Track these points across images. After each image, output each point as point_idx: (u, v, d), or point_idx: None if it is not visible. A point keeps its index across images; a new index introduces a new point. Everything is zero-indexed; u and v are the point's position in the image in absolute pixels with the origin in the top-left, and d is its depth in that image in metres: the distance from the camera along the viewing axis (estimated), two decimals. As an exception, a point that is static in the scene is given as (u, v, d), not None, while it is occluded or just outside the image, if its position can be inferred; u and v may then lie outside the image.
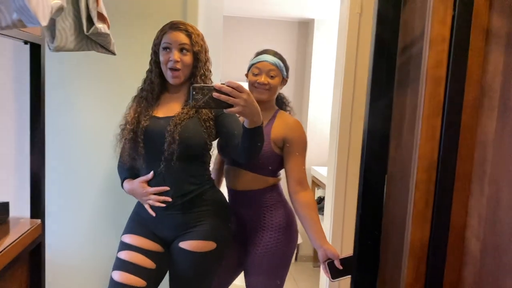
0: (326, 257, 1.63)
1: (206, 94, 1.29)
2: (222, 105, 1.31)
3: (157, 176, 1.58)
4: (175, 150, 1.52)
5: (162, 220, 1.61)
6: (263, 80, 1.77)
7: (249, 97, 1.32)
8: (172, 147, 1.52)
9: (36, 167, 1.47)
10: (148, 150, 1.57)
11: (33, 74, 1.39)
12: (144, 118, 1.58)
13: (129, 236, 1.63)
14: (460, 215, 0.96)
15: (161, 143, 1.54)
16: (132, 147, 1.58)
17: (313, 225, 1.68)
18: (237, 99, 1.30)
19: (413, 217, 0.99)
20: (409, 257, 1.00)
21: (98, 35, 1.05)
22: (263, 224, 1.79)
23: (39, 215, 1.49)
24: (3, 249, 1.22)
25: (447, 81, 0.97)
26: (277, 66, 1.78)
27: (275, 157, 1.77)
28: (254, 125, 1.40)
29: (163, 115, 1.60)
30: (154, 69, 1.63)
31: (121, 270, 1.55)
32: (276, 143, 1.75)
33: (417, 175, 0.99)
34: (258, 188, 1.79)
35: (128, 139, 1.57)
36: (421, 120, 1.00)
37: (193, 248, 1.58)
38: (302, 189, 1.73)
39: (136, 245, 1.60)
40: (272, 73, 1.78)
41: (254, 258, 1.78)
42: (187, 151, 1.56)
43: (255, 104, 1.35)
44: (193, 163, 1.61)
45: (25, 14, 0.67)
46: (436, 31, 0.96)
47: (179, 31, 1.57)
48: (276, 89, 1.81)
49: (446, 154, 0.97)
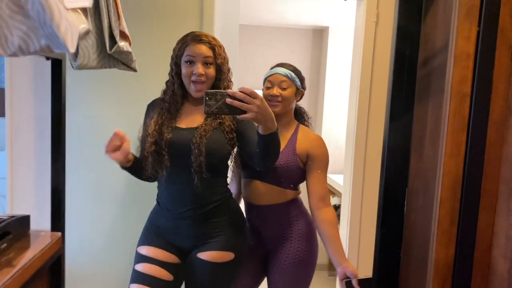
0: (345, 276, 1.61)
1: (219, 100, 1.28)
2: (236, 111, 1.30)
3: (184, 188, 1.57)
4: (203, 162, 1.52)
5: (180, 230, 1.61)
6: (274, 92, 1.76)
7: (263, 103, 1.31)
8: (199, 159, 1.51)
9: (56, 181, 1.48)
10: (173, 162, 1.56)
11: (54, 89, 1.40)
12: (167, 130, 1.57)
13: (145, 248, 1.62)
14: (486, 234, 0.94)
15: (187, 155, 1.53)
16: (156, 160, 1.57)
17: (334, 242, 1.66)
18: (250, 105, 1.29)
19: (437, 235, 0.97)
20: (434, 276, 0.98)
21: (120, 53, 1.06)
22: (285, 235, 1.78)
23: (59, 228, 1.50)
24: (24, 264, 1.23)
25: (472, 97, 0.96)
26: (288, 77, 1.76)
27: (299, 171, 1.76)
28: (269, 132, 1.38)
29: (185, 126, 1.59)
30: (176, 81, 1.61)
31: (139, 283, 1.55)
32: (301, 158, 1.75)
33: (441, 193, 0.97)
34: (280, 202, 1.78)
35: (151, 151, 1.55)
36: (446, 136, 0.98)
37: (212, 259, 1.58)
38: (324, 205, 1.72)
39: (153, 257, 1.59)
40: (284, 85, 1.76)
41: (278, 269, 1.78)
42: (213, 163, 1.56)
43: (268, 110, 1.34)
44: (215, 174, 1.60)
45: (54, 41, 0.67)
46: (461, 47, 0.95)
47: (202, 43, 1.55)
48: (289, 100, 1.79)
49: (472, 171, 0.96)
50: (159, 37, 2.06)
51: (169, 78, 1.64)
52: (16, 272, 1.17)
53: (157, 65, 1.83)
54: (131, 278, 1.59)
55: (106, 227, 2.18)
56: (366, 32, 2.34)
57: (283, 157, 1.74)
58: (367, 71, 2.36)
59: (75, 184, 2.10)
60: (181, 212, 1.59)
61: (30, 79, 2.06)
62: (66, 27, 0.70)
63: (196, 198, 1.57)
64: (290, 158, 1.74)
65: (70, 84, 1.51)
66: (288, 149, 1.76)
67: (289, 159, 1.74)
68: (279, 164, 1.73)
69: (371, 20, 2.33)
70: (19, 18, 0.69)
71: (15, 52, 0.70)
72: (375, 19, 2.33)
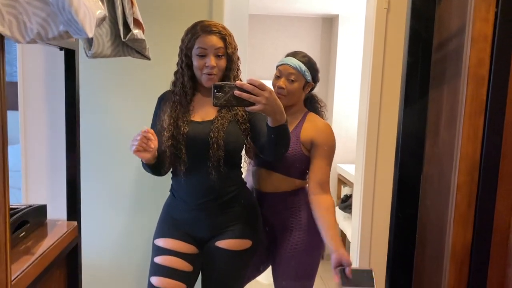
0: (339, 263, 1.57)
1: (227, 92, 1.28)
2: (244, 103, 1.30)
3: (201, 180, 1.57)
4: (221, 156, 1.52)
5: (197, 221, 1.61)
6: (281, 84, 1.74)
7: (271, 95, 1.30)
8: (218, 153, 1.51)
9: (72, 170, 1.50)
10: (191, 156, 1.56)
11: (68, 80, 1.41)
12: (183, 123, 1.56)
13: (162, 240, 1.63)
14: (504, 217, 0.94)
15: (205, 148, 1.53)
16: (173, 153, 1.57)
17: (331, 228, 1.64)
18: (258, 97, 1.28)
19: (454, 219, 0.97)
20: (451, 260, 0.98)
21: (134, 41, 1.06)
22: (290, 224, 1.79)
23: (75, 217, 1.52)
24: (42, 252, 1.25)
25: (489, 80, 0.94)
26: (297, 69, 1.74)
27: (304, 159, 1.75)
28: (277, 123, 1.38)
29: (201, 119, 1.58)
30: (186, 72, 1.59)
31: (160, 276, 1.56)
32: (305, 145, 1.74)
33: (458, 177, 0.97)
34: (286, 190, 1.79)
35: (168, 145, 1.55)
36: (463, 120, 0.97)
37: (231, 247, 1.59)
38: (322, 192, 1.70)
39: (171, 248, 1.60)
40: (292, 77, 1.74)
41: (283, 258, 1.78)
42: (231, 156, 1.56)
43: (277, 102, 1.33)
44: (233, 166, 1.61)
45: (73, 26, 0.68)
46: (478, 29, 0.94)
47: (213, 34, 1.53)
48: (295, 94, 1.77)
49: (489, 154, 0.95)
50: (169, 29, 2.05)
51: (178, 69, 1.62)
52: (35, 259, 1.19)
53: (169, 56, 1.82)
54: (151, 271, 1.60)
55: (121, 218, 2.20)
56: (377, 20, 2.31)
57: None
58: (379, 60, 2.34)
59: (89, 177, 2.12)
60: (198, 204, 1.59)
61: (42, 72, 2.07)
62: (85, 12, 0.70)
63: (213, 190, 1.57)
64: (294, 146, 1.72)
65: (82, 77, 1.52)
66: (293, 136, 1.75)
67: (293, 147, 1.72)
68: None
69: (383, 7, 2.30)
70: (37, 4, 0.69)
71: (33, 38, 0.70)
72: (386, 6, 2.30)
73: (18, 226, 1.29)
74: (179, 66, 1.62)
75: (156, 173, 1.61)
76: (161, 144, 1.54)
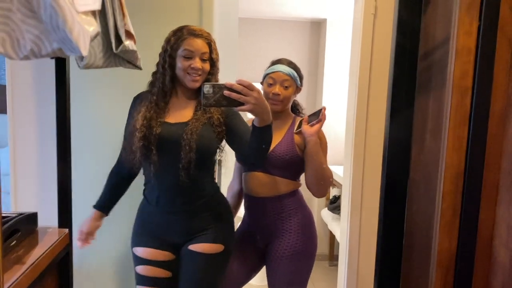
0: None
1: (217, 92, 1.30)
2: (233, 103, 1.32)
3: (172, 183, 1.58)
4: (193, 158, 1.53)
5: (171, 226, 1.64)
6: (277, 90, 1.78)
7: (260, 95, 1.33)
8: (189, 155, 1.52)
9: (63, 177, 1.49)
10: (162, 157, 1.57)
11: (58, 88, 1.41)
12: (156, 124, 1.56)
13: (140, 249, 1.67)
14: (488, 225, 0.97)
15: (176, 150, 1.54)
16: (144, 155, 1.57)
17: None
18: (247, 97, 1.31)
19: (440, 227, 0.99)
20: (437, 266, 1.01)
21: (125, 52, 1.07)
22: (284, 227, 1.81)
23: (66, 225, 1.51)
24: (34, 261, 1.25)
25: (473, 91, 0.97)
26: (291, 76, 1.80)
27: (299, 160, 1.80)
28: (264, 124, 1.41)
29: (174, 121, 1.59)
30: (168, 72, 1.59)
31: (144, 285, 1.65)
32: (300, 147, 1.78)
33: (444, 186, 1.00)
34: (281, 193, 1.81)
35: (139, 146, 1.55)
36: (448, 130, 1.00)
37: (204, 250, 1.62)
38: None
39: (149, 258, 1.65)
40: (286, 84, 1.79)
41: (277, 261, 1.80)
42: (203, 159, 1.57)
43: (265, 102, 1.36)
44: (204, 170, 1.62)
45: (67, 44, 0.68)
46: (462, 42, 0.97)
47: (200, 38, 1.56)
48: (289, 99, 1.83)
49: (473, 164, 0.98)
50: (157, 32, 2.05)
51: (159, 69, 1.62)
52: (27, 269, 1.19)
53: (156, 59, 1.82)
54: (136, 279, 1.68)
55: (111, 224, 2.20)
56: (365, 25, 2.34)
57: (283, 148, 1.77)
58: (366, 63, 2.37)
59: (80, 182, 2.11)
60: (170, 208, 1.61)
61: (31, 75, 2.06)
62: (79, 31, 0.71)
63: (184, 194, 1.59)
64: (289, 147, 1.77)
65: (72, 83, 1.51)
66: (286, 139, 1.79)
67: (289, 148, 1.77)
68: (280, 155, 1.76)
69: (370, 12, 2.33)
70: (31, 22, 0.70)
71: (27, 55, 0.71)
72: (373, 11, 2.33)
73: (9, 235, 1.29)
74: (160, 66, 1.61)
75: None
76: (132, 144, 1.57)
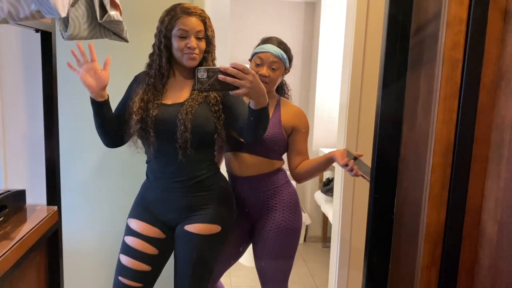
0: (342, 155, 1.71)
1: (211, 76, 1.29)
2: (228, 87, 1.31)
3: (170, 162, 1.59)
4: (188, 138, 1.53)
5: (167, 203, 1.65)
6: (264, 72, 1.76)
7: (255, 78, 1.32)
8: (185, 135, 1.53)
9: (51, 154, 1.48)
10: (159, 138, 1.58)
11: (45, 63, 1.38)
12: (152, 106, 1.57)
13: (134, 221, 1.68)
14: (476, 198, 0.96)
15: (173, 131, 1.54)
16: (142, 136, 1.58)
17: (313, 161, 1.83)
18: (242, 81, 1.30)
19: (429, 200, 0.99)
20: (425, 240, 1.01)
21: (111, 23, 1.05)
22: (270, 205, 1.83)
23: (55, 202, 1.51)
24: (22, 237, 1.24)
25: (464, 63, 0.96)
26: (280, 58, 1.77)
27: (283, 142, 1.84)
28: (260, 106, 1.41)
29: (171, 102, 1.59)
30: (164, 54, 1.59)
31: (127, 256, 1.65)
32: (286, 130, 1.82)
33: (433, 159, 0.99)
34: (266, 171, 1.82)
35: (137, 129, 1.56)
36: (438, 103, 0.99)
37: (199, 231, 1.62)
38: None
39: (140, 232, 1.66)
40: (274, 66, 1.77)
41: (263, 238, 1.82)
42: (199, 138, 1.57)
43: (260, 85, 1.35)
44: (203, 149, 1.62)
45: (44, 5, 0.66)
46: (453, 12, 0.95)
47: (193, 16, 1.54)
48: (275, 81, 1.82)
49: (463, 137, 0.97)
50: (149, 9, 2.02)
51: (155, 50, 1.62)
52: (14, 244, 1.18)
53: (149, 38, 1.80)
54: (121, 248, 1.68)
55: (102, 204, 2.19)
56: (359, 5, 2.32)
57: (270, 129, 1.78)
58: (360, 43, 2.35)
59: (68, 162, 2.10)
60: (168, 185, 1.62)
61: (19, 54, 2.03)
62: (57, -9, 0.69)
63: (182, 172, 1.60)
64: (276, 130, 1.79)
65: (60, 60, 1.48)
66: (273, 121, 1.80)
67: (275, 131, 1.79)
68: (266, 136, 1.76)
69: (364, -9, 2.30)
70: (8, -17, 0.68)
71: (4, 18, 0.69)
72: (367, -10, 2.30)
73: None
74: (156, 47, 1.61)
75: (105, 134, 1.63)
76: (130, 126, 1.58)
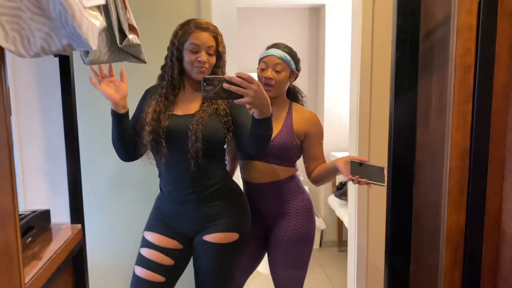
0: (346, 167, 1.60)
1: (216, 85, 1.32)
2: (233, 96, 1.33)
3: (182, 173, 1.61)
4: (200, 148, 1.55)
5: (182, 215, 1.67)
6: (268, 74, 1.78)
7: (259, 87, 1.35)
8: (196, 145, 1.55)
9: (73, 174, 1.51)
10: (171, 149, 1.60)
11: (63, 85, 1.42)
12: (164, 117, 1.60)
13: (150, 234, 1.70)
14: (495, 199, 0.98)
15: (184, 141, 1.57)
16: (154, 147, 1.61)
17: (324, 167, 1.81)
18: (247, 90, 1.32)
19: (448, 204, 1.01)
20: (447, 243, 1.02)
21: (130, 46, 1.08)
22: (283, 212, 1.84)
23: (79, 220, 1.54)
24: (50, 257, 1.27)
25: (476, 68, 0.98)
26: (283, 59, 1.78)
27: (296, 148, 1.83)
28: (263, 116, 1.43)
29: (182, 113, 1.63)
30: (176, 66, 1.63)
31: (143, 267, 1.66)
32: (298, 136, 1.81)
33: (450, 163, 1.01)
34: (280, 179, 1.83)
35: (149, 140, 1.59)
36: (452, 108, 1.01)
37: (218, 240, 1.64)
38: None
39: (156, 243, 1.67)
40: (278, 68, 1.78)
41: (278, 246, 1.82)
42: (209, 148, 1.59)
43: (265, 95, 1.38)
44: (214, 159, 1.65)
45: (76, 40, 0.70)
46: (463, 19, 0.97)
47: (206, 32, 1.58)
48: (282, 84, 1.82)
49: (479, 140, 0.99)
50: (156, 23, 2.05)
51: (167, 62, 1.65)
52: (44, 264, 1.21)
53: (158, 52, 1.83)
54: (137, 260, 1.69)
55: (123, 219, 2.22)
56: (364, 6, 2.33)
57: (282, 136, 1.78)
58: (367, 47, 2.36)
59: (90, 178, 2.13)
60: (182, 197, 1.64)
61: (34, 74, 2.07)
62: (87, 26, 0.72)
63: (194, 183, 1.62)
64: (288, 137, 1.79)
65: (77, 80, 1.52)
66: (285, 128, 1.80)
67: (288, 138, 1.79)
68: (278, 143, 1.77)
69: (368, -4, 2.32)
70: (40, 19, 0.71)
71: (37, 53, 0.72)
72: (372, -5, 2.32)
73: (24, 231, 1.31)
74: (168, 59, 1.65)
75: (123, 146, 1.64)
76: (142, 137, 1.61)
